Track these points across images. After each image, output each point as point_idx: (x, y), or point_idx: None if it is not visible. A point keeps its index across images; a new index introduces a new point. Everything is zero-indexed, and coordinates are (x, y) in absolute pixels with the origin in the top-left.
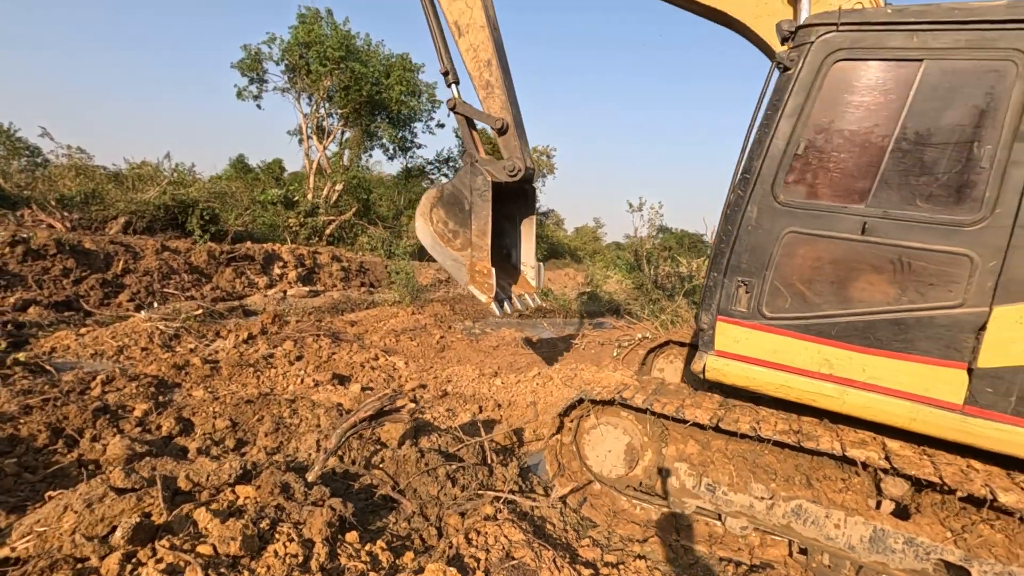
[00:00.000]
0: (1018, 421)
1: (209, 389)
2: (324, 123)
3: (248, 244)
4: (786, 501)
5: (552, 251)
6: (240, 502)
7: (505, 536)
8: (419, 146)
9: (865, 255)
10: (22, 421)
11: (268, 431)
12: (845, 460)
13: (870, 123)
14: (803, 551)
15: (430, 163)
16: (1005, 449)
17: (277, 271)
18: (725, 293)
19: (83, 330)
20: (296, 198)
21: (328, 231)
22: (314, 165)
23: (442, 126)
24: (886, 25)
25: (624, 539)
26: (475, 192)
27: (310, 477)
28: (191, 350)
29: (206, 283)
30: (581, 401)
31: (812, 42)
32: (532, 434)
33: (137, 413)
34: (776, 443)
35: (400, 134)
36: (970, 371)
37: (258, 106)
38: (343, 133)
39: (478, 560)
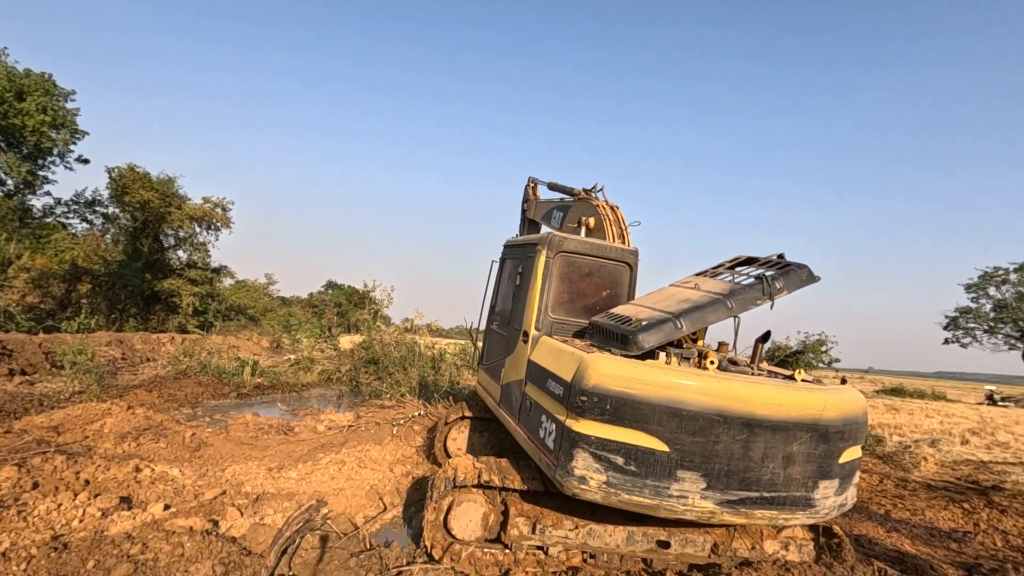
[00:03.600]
0: (505, 410)
1: None
2: None
3: None
4: (583, 528)
5: (232, 313)
6: None
7: None
8: (51, 182)
9: (496, 338)
10: None
11: (127, 573)
12: None
13: (502, 283)
14: (592, 556)
15: (64, 203)
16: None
17: None
18: (481, 355)
19: None
20: None
21: None
22: None
23: (86, 161)
24: (509, 245)
25: None
26: None
27: None
28: None
29: None
30: (453, 487)
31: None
32: (363, 517)
33: None
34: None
35: (27, 168)
36: (500, 385)
37: None
38: None
39: None
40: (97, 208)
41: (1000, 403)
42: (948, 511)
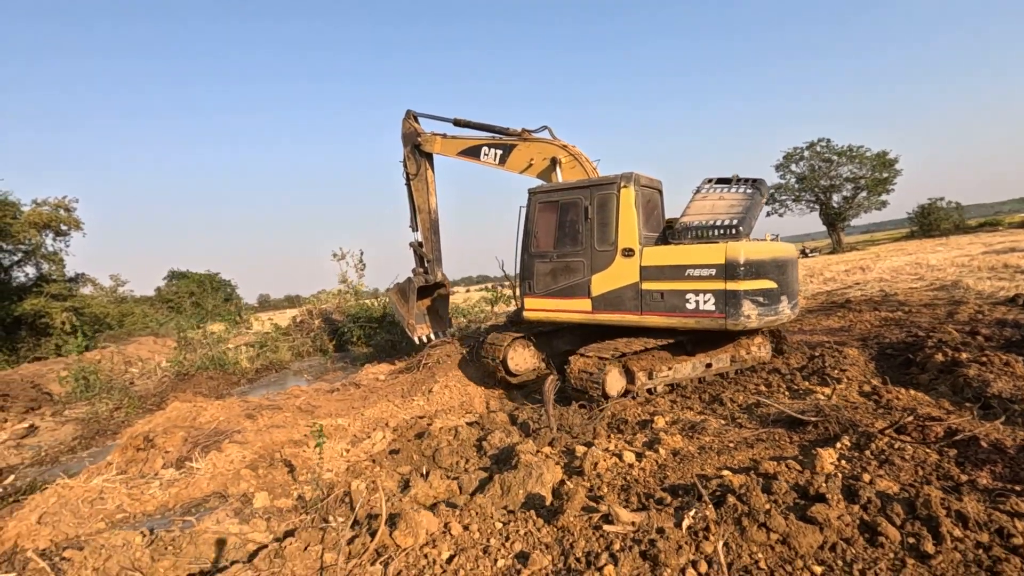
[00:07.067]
0: (611, 312)
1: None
2: None
3: None
4: (671, 367)
5: (97, 325)
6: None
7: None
8: None
9: (559, 267)
10: None
11: (447, 454)
12: (680, 343)
13: (551, 224)
14: (678, 385)
15: None
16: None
17: None
18: (525, 286)
19: None
20: None
21: None
22: None
23: None
24: (547, 191)
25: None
26: (411, 287)
27: (552, 434)
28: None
29: None
30: (604, 363)
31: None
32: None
33: None
34: (660, 347)
35: None
36: (592, 298)
37: None
38: None
39: (624, 435)
40: None
41: (811, 255)
42: (831, 320)
